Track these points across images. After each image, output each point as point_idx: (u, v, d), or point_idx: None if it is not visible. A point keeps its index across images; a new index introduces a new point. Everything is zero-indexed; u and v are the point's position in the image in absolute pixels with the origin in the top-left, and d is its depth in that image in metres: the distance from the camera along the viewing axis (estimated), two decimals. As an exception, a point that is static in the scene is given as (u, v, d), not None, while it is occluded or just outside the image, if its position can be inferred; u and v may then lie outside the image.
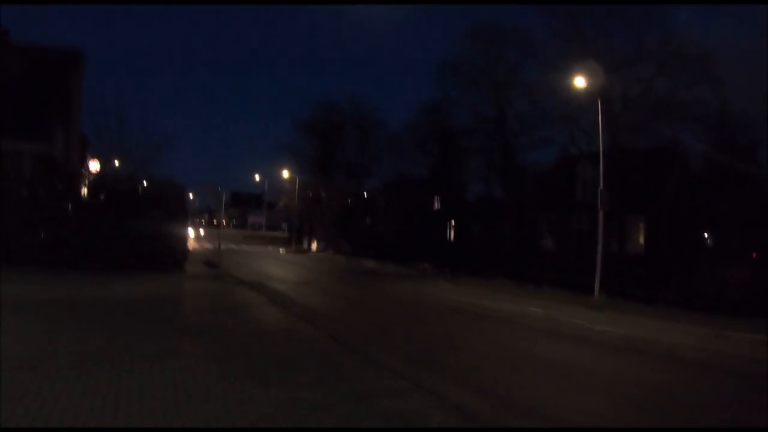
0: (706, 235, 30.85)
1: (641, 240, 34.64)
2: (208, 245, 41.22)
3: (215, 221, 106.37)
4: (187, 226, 28.70)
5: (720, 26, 50.62)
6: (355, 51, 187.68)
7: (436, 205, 47.54)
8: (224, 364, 7.95)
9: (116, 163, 35.87)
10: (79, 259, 18.89)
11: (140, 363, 7.59)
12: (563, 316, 16.32)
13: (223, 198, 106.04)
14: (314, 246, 51.00)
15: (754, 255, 24.88)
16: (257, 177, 72.82)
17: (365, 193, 53.70)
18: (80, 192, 24.06)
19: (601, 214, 21.41)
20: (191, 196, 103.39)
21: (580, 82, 22.29)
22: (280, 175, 58.83)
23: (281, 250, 50.47)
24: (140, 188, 24.60)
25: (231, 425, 5.67)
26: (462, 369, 9.47)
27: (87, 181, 29.08)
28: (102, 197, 22.09)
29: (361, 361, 8.90)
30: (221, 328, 11.12)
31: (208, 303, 14.55)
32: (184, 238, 24.09)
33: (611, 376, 9.61)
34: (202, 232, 59.13)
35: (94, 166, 34.13)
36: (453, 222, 46.87)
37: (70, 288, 14.59)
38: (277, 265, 32.94)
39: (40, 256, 18.46)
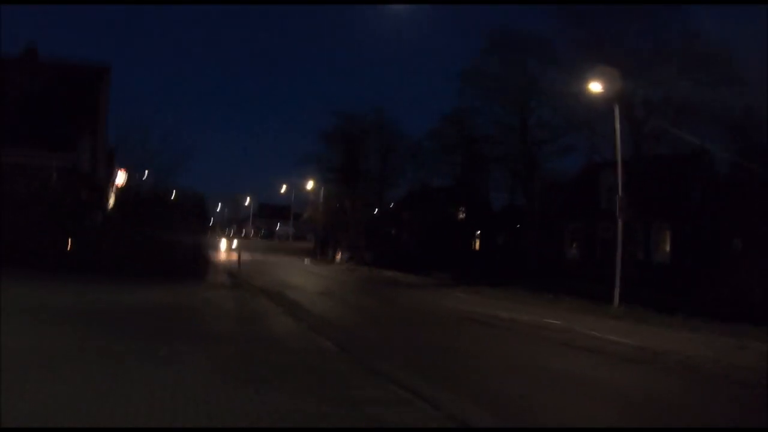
0: (732, 242, 30.35)
1: (667, 248, 34.23)
2: (236, 256, 41.64)
3: (243, 232, 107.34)
4: (209, 236, 29.11)
5: (742, 25, 49.80)
6: (376, 60, 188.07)
7: (460, 215, 47.43)
8: (227, 369, 8.08)
9: (142, 174, 36.52)
10: (101, 268, 19.28)
11: (146, 365, 7.87)
12: (579, 326, 16.11)
13: (251, 209, 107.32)
14: (339, 256, 51.20)
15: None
16: (284, 188, 73.44)
17: (389, 203, 53.86)
18: (106, 202, 24.50)
19: (620, 222, 21.25)
20: (220, 206, 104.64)
21: (597, 88, 22.17)
22: (305, 186, 59.33)
23: (306, 260, 50.76)
24: (163, 199, 24.94)
25: (232, 425, 5.81)
26: (464, 379, 9.39)
27: (113, 192, 29.57)
28: (125, 208, 22.53)
29: (364, 371, 8.91)
30: (230, 335, 11.27)
31: (222, 311, 14.67)
32: (206, 247, 24.46)
33: (618, 388, 9.42)
34: (235, 242, 59.59)
35: (120, 177, 34.72)
36: (477, 231, 46.73)
37: (88, 295, 14.89)
38: (299, 275, 33.10)
39: (64, 264, 18.94)
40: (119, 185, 33.43)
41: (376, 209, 52.33)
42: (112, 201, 25.71)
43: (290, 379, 7.87)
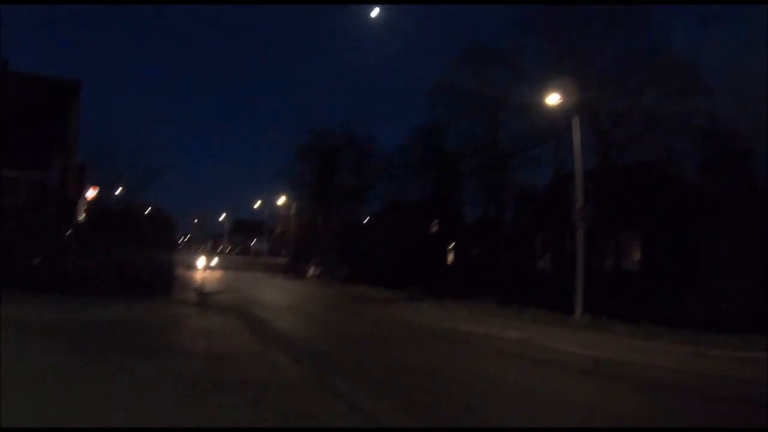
0: (702, 250, 30.58)
1: (637, 257, 34.50)
2: (213, 272, 41.68)
3: (218, 247, 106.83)
4: (179, 253, 29.04)
5: (710, 35, 50.89)
6: (349, 75, 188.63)
7: (434, 229, 47.59)
8: (177, 383, 8.25)
9: (112, 191, 36.52)
10: (67, 284, 19.27)
11: (98, 379, 8.14)
12: (539, 338, 16.18)
13: (226, 225, 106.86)
14: (311, 272, 51.07)
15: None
16: (258, 203, 73.43)
17: (363, 217, 53.90)
18: (75, 219, 24.43)
19: (579, 232, 21.55)
20: (195, 222, 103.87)
21: (559, 100, 22.56)
22: (279, 202, 59.32)
23: (278, 276, 50.55)
24: (132, 216, 24.91)
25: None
26: (407, 393, 9.30)
27: (83, 209, 29.47)
28: (94, 224, 22.52)
29: (309, 384, 9.04)
30: (186, 350, 11.38)
31: (182, 328, 14.80)
32: (174, 264, 24.45)
33: (568, 400, 9.33)
34: (209, 258, 58.94)
35: (90, 193, 34.63)
36: (450, 245, 46.85)
37: (52, 311, 15.05)
38: (269, 291, 32.99)
39: (29, 281, 18.89)
40: (89, 201, 33.37)
41: (350, 224, 52.32)
42: (81, 217, 25.61)
43: (233, 392, 7.96)
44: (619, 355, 13.82)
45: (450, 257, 47.02)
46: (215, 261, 55.83)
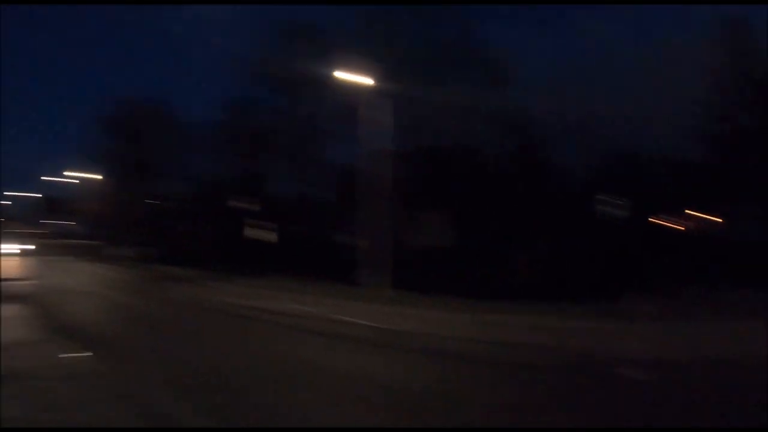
0: (505, 229, 32.74)
1: (442, 234, 36.26)
2: (14, 258, 38.48)
3: (23, 229, 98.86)
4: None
5: (517, 33, 54.62)
6: (161, 49, 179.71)
7: (248, 206, 47.11)
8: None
9: None
10: None
11: None
12: (329, 311, 16.67)
13: (36, 206, 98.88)
14: (123, 253, 48.88)
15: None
16: (68, 181, 68.55)
17: (175, 195, 51.99)
18: None
19: (370, 208, 22.39)
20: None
21: (364, 81, 23.40)
22: (91, 180, 55.84)
23: (89, 259, 47.86)
24: None
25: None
26: (193, 376, 9.30)
27: None
28: None
29: (89, 373, 8.89)
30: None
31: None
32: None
33: (353, 374, 9.57)
34: (18, 243, 53.57)
35: None
36: (262, 222, 46.67)
37: None
38: (74, 275, 31.40)
39: None
40: None
41: (161, 203, 50.43)
42: None
43: (5, 386, 7.75)
44: (415, 327, 14.50)
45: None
46: (18, 244, 51.58)
